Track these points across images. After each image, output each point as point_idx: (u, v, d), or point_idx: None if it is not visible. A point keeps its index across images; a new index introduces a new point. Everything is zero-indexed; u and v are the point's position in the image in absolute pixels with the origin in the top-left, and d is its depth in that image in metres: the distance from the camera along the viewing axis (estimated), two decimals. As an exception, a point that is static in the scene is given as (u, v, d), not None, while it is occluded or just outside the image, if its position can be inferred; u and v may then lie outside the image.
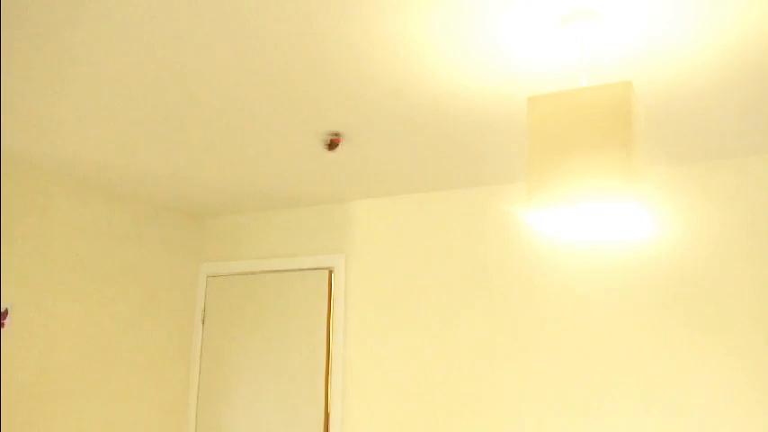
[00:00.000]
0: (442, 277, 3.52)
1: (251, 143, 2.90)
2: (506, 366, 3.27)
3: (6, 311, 3.19)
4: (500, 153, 2.99)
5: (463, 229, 3.53)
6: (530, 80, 2.21)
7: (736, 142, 2.78)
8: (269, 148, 2.96)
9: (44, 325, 3.36)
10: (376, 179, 3.43)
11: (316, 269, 3.92)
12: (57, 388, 3.39)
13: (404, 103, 2.44)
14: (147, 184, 3.59)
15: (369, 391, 3.59)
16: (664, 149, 2.89)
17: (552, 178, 1.62)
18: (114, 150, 3.02)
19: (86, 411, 3.52)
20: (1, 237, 3.19)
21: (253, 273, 4.13)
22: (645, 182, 1.57)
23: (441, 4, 1.74)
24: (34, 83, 2.28)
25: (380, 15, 1.80)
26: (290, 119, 2.62)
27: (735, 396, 2.78)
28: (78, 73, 2.20)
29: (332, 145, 2.83)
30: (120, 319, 3.76)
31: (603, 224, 1.66)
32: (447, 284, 3.50)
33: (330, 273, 3.89)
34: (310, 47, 2.00)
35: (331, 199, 3.85)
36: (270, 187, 3.62)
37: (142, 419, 3.83)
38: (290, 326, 3.91)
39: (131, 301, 3.84)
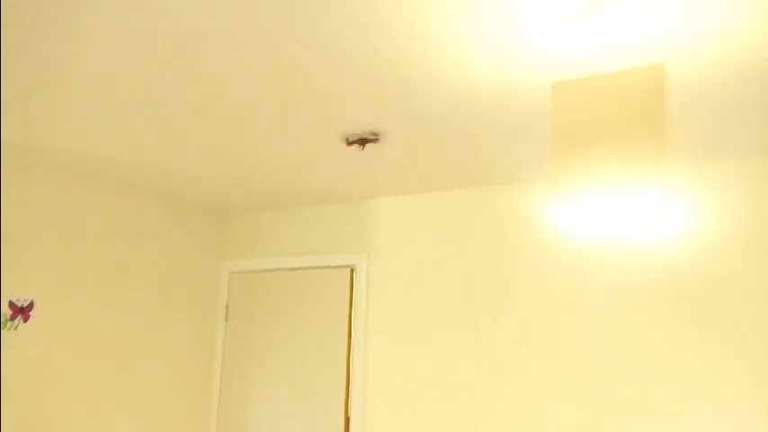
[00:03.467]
0: (464, 276, 3.44)
1: (274, 141, 2.86)
2: (530, 368, 3.17)
3: (32, 304, 3.21)
4: (524, 149, 2.89)
5: (486, 227, 3.44)
6: (554, 70, 2.12)
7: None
8: (291, 145, 2.92)
9: (67, 321, 3.37)
10: (399, 176, 3.36)
11: (338, 267, 3.87)
12: (78, 384, 3.39)
13: (427, 98, 2.36)
14: (170, 182, 3.58)
15: (389, 390, 3.52)
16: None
17: (577, 168, 1.53)
18: (137, 148, 3.01)
19: (108, 408, 3.52)
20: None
21: (275, 270, 4.09)
22: (676, 171, 1.47)
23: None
24: (59, 81, 2.27)
25: (403, 12, 1.74)
26: (312, 116, 2.57)
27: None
28: (101, 72, 2.18)
29: (362, 142, 2.78)
30: (142, 315, 3.76)
31: (629, 216, 1.56)
32: (469, 283, 3.42)
33: (352, 271, 3.83)
34: (331, 41, 1.94)
35: (353, 197, 3.80)
36: (292, 185, 3.59)
37: (164, 416, 3.81)
38: (312, 323, 3.87)
39: (154, 297, 3.84)
